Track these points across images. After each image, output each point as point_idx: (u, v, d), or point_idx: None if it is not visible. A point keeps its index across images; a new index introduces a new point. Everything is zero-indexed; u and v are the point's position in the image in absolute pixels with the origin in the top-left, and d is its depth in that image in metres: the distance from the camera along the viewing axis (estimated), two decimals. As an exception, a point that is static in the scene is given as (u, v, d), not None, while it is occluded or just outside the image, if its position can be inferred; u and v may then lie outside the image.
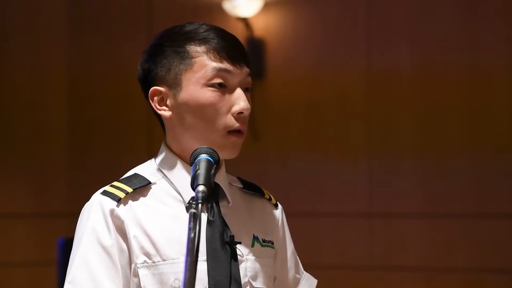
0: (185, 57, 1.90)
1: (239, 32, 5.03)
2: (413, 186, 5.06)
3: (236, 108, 1.90)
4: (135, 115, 5.29)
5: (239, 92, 1.91)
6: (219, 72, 1.89)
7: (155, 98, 1.94)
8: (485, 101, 5.00)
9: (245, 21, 5.20)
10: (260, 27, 5.22)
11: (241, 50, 1.93)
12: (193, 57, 1.89)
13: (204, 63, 1.89)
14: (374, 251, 5.11)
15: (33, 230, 5.30)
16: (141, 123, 5.26)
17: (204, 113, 1.89)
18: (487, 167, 4.98)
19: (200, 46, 1.90)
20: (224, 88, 1.90)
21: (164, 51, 1.93)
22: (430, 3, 5.09)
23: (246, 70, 1.92)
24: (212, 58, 1.89)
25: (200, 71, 1.89)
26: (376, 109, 5.12)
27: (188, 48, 1.90)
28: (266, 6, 5.21)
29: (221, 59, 1.89)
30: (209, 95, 1.89)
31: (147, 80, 1.97)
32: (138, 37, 5.35)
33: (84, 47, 5.40)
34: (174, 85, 1.91)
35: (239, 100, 1.90)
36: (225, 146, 1.89)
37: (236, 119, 1.90)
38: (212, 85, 1.89)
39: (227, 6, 5.21)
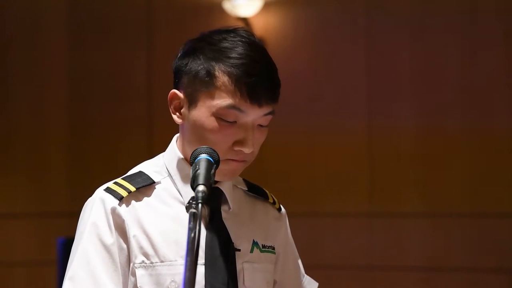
0: (210, 81, 1.85)
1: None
2: (413, 186, 5.06)
3: (238, 147, 1.86)
4: (135, 115, 5.28)
5: (248, 132, 1.86)
6: (233, 110, 1.84)
7: (174, 101, 1.93)
8: (485, 101, 5.00)
9: (245, 21, 5.20)
10: (260, 27, 5.23)
11: (267, 87, 1.88)
12: (216, 84, 1.85)
13: (223, 94, 1.84)
14: (374, 251, 5.11)
15: (33, 230, 5.29)
16: (141, 123, 5.26)
17: (207, 138, 1.86)
18: (487, 167, 4.98)
19: (227, 75, 1.84)
20: (233, 123, 1.86)
21: (196, 57, 1.89)
22: (430, 3, 5.09)
23: (265, 109, 1.88)
24: (232, 93, 1.84)
25: (216, 100, 1.85)
26: (377, 108, 5.12)
27: (217, 73, 1.85)
28: (266, 6, 5.21)
29: (240, 97, 1.84)
30: (215, 125, 1.85)
31: (175, 77, 1.94)
32: (138, 37, 5.35)
33: (84, 47, 5.40)
34: (192, 99, 1.88)
35: (245, 140, 1.86)
36: (223, 169, 1.85)
37: (236, 153, 1.87)
38: (222, 118, 1.85)
39: (227, 6, 5.21)
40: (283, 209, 2.11)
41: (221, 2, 5.23)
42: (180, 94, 1.91)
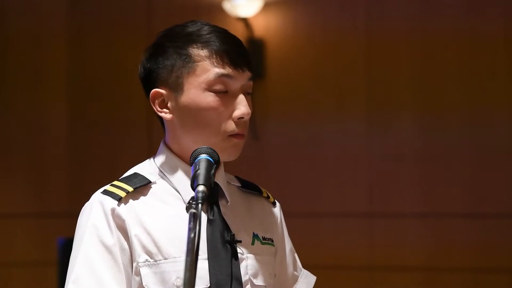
0: (188, 61, 1.89)
1: (239, 32, 5.03)
2: (413, 186, 5.06)
3: (237, 113, 1.90)
4: (135, 115, 5.29)
5: (241, 97, 1.91)
6: (221, 77, 1.88)
7: (157, 100, 1.94)
8: (485, 101, 5.00)
9: (245, 21, 5.20)
10: (260, 27, 5.23)
11: (243, 54, 1.93)
12: (196, 61, 1.89)
13: (207, 68, 1.89)
14: (374, 251, 5.11)
15: (33, 230, 5.29)
16: (141, 123, 5.26)
17: (205, 117, 1.89)
18: (487, 167, 4.98)
19: (202, 49, 1.89)
20: (225, 93, 1.90)
21: (166, 51, 1.92)
22: (430, 3, 5.09)
23: (247, 74, 1.92)
24: (215, 63, 1.89)
25: (202, 76, 1.88)
26: (376, 108, 5.12)
27: (191, 51, 1.90)
28: (266, 6, 5.21)
29: (223, 64, 1.89)
30: (210, 99, 1.89)
31: (149, 80, 1.97)
32: (138, 38, 5.35)
33: (84, 47, 5.40)
34: (176, 87, 1.91)
35: (241, 105, 1.90)
36: (226, 148, 1.90)
37: (237, 124, 1.90)
38: (214, 91, 1.89)
39: (227, 6, 5.21)
40: (277, 203, 2.13)
41: (221, 2, 5.23)
42: (162, 90, 1.93)
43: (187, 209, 1.63)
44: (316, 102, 5.18)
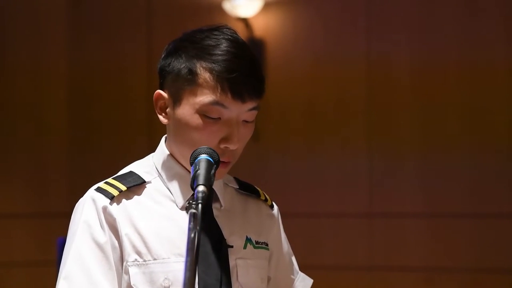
0: (192, 79, 1.86)
1: (239, 32, 5.02)
2: (413, 186, 5.06)
3: (223, 144, 1.87)
4: (135, 115, 5.29)
5: (232, 127, 1.87)
6: (216, 106, 1.84)
7: (159, 102, 1.94)
8: (485, 101, 5.01)
9: (245, 21, 5.20)
10: (260, 27, 5.23)
11: (250, 83, 1.88)
12: (199, 81, 1.85)
13: (205, 91, 1.85)
14: (374, 251, 5.11)
15: (33, 230, 5.29)
16: (141, 123, 5.26)
17: (192, 137, 1.87)
18: (487, 167, 4.98)
19: (208, 72, 1.85)
20: (218, 119, 1.86)
21: (178, 56, 1.90)
22: (430, 3, 5.09)
23: (249, 104, 1.88)
24: (214, 89, 1.84)
25: (199, 97, 1.85)
26: (376, 108, 5.12)
27: (198, 69, 1.86)
28: (266, 6, 5.21)
29: (223, 92, 1.84)
30: (199, 122, 1.86)
31: (160, 76, 1.96)
32: (138, 37, 5.36)
33: (84, 47, 5.40)
34: (175, 98, 1.89)
35: (230, 136, 1.86)
36: None
37: (223, 151, 1.86)
38: (206, 115, 1.86)
39: (227, 6, 5.21)
40: (275, 206, 2.11)
41: (221, 3, 5.23)
42: (165, 94, 1.92)
43: (187, 209, 1.62)
44: (316, 102, 5.18)
